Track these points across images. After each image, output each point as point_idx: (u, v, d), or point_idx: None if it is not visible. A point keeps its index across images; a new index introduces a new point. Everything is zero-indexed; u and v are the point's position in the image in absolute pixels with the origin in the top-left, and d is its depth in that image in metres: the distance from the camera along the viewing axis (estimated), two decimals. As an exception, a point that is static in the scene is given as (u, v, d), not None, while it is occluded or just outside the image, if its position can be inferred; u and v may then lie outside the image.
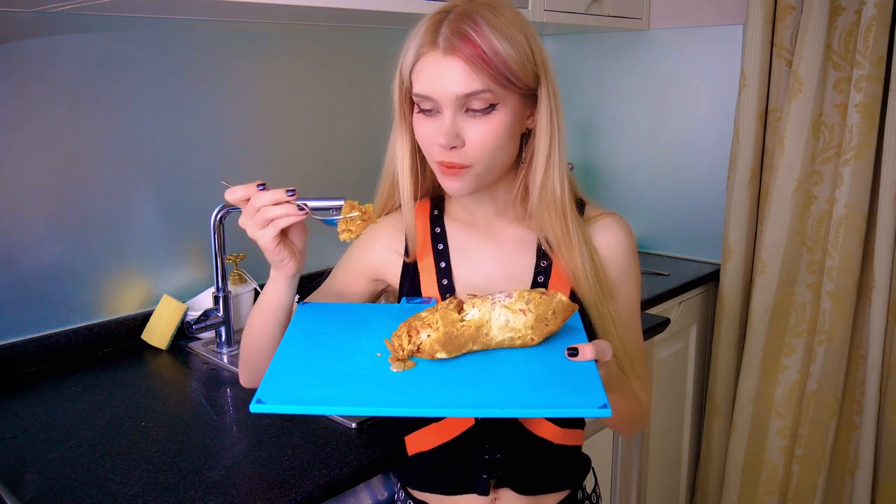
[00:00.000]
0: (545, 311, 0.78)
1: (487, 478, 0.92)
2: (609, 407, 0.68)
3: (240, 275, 1.59)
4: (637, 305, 0.99)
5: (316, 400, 0.71)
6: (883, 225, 1.67)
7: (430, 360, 0.78)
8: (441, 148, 0.83)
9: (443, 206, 0.99)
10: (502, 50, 0.80)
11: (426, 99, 0.83)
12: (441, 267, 0.94)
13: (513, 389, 0.73)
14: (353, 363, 0.78)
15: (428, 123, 0.84)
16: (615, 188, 2.25)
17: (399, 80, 0.87)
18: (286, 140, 1.74)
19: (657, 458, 1.95)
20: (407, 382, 0.74)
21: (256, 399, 0.69)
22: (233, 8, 1.35)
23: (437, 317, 0.77)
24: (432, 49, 0.81)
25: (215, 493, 0.95)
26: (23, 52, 1.31)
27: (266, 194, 0.79)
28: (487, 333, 0.78)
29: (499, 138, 0.84)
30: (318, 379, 0.74)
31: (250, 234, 0.81)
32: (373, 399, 0.71)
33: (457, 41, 0.79)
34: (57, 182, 1.39)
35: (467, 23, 0.80)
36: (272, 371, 0.75)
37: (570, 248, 0.90)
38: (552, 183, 0.89)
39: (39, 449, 1.08)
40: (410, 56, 0.84)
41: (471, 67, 0.80)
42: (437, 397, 0.71)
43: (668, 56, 2.09)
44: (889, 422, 1.74)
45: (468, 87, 0.80)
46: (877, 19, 1.60)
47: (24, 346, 1.36)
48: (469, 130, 0.83)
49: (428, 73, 0.82)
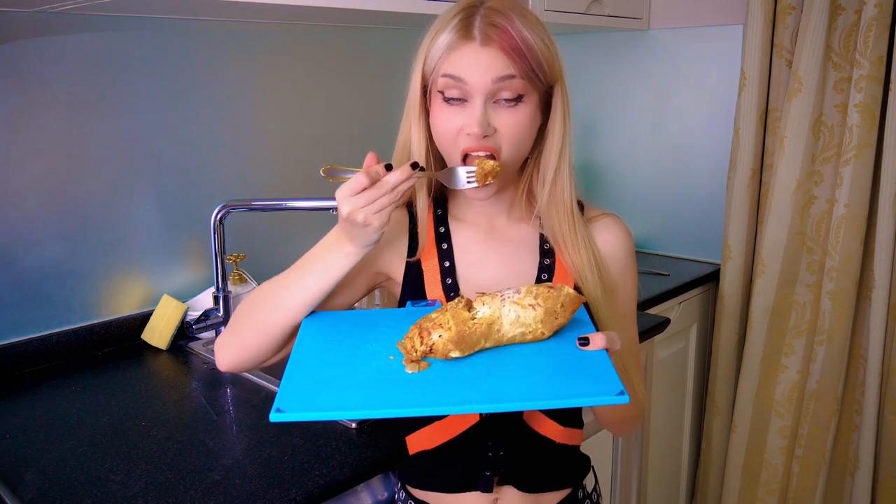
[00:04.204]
0: (554, 305, 0.79)
1: (490, 475, 0.92)
2: (626, 394, 0.69)
3: (240, 275, 1.59)
4: (634, 305, 1.01)
5: (336, 406, 0.70)
6: (883, 225, 1.67)
7: (444, 359, 0.78)
8: (468, 137, 0.85)
9: (446, 206, 0.99)
10: (533, 43, 0.84)
11: (458, 83, 0.84)
12: (445, 266, 0.94)
13: (529, 383, 0.73)
14: (367, 368, 0.78)
15: (453, 113, 0.85)
16: (615, 188, 2.25)
17: (422, 72, 0.88)
18: (286, 140, 1.74)
19: (657, 458, 1.95)
20: (424, 382, 0.74)
21: (276, 408, 0.69)
22: (233, 8, 1.35)
23: (447, 316, 0.78)
24: (468, 41, 0.84)
25: (215, 493, 0.95)
26: (23, 52, 1.31)
27: (399, 174, 0.78)
28: (499, 330, 0.79)
29: (525, 129, 0.86)
30: (335, 385, 0.74)
31: (363, 219, 0.78)
32: (392, 401, 0.71)
33: (493, 33, 0.83)
34: (57, 182, 1.39)
35: (501, 17, 0.83)
36: (287, 380, 0.75)
37: (578, 245, 0.91)
38: (562, 181, 0.91)
39: (39, 449, 1.08)
40: (441, 46, 0.85)
41: (507, 55, 0.83)
42: (456, 395, 0.72)
43: (668, 56, 2.09)
44: (889, 422, 1.74)
45: (504, 70, 0.83)
46: (877, 19, 1.60)
47: (24, 346, 1.36)
48: (498, 120, 0.85)
49: (464, 60, 0.84)
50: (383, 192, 0.78)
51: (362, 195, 0.78)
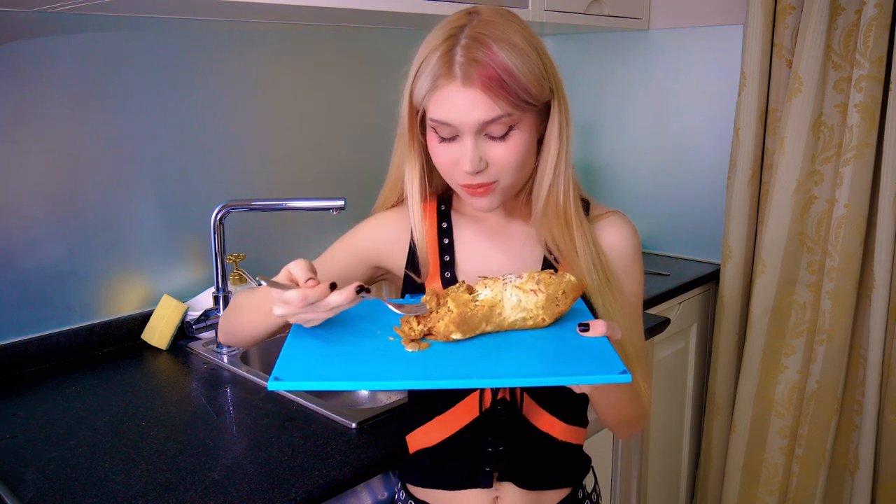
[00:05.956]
0: (555, 291, 0.79)
1: (491, 470, 0.92)
2: (629, 372, 0.69)
3: (240, 275, 1.58)
4: (640, 303, 1.00)
5: (334, 375, 0.70)
6: (883, 225, 1.67)
7: (445, 341, 0.78)
8: (464, 173, 0.84)
9: (450, 202, 0.99)
10: (517, 72, 0.80)
11: (445, 125, 0.83)
12: (445, 261, 0.95)
13: (530, 363, 0.73)
14: (367, 345, 0.78)
15: (448, 149, 0.85)
16: (615, 188, 2.25)
17: (409, 105, 0.87)
18: (286, 140, 1.74)
19: (657, 458, 1.95)
20: (423, 359, 0.74)
21: (273, 377, 0.69)
22: (233, 8, 1.35)
23: (448, 299, 0.78)
24: (450, 80, 0.81)
25: (215, 493, 0.95)
26: (23, 52, 1.31)
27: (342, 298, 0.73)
28: (500, 313, 0.79)
29: (520, 157, 0.85)
30: (334, 358, 0.74)
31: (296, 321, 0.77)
32: (391, 374, 0.71)
33: (474, 72, 0.79)
34: (57, 182, 1.39)
35: (480, 49, 0.80)
36: (286, 351, 0.75)
37: (574, 255, 0.90)
38: (556, 192, 0.90)
39: (39, 449, 1.08)
40: (425, 85, 0.83)
41: (490, 95, 0.80)
42: (455, 370, 0.71)
43: (668, 56, 2.09)
44: (889, 422, 1.74)
45: (489, 114, 0.81)
46: (877, 19, 1.60)
47: (24, 346, 1.36)
48: (490, 153, 0.84)
49: (447, 102, 0.82)
50: (322, 312, 0.74)
51: (301, 309, 0.74)
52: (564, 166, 0.90)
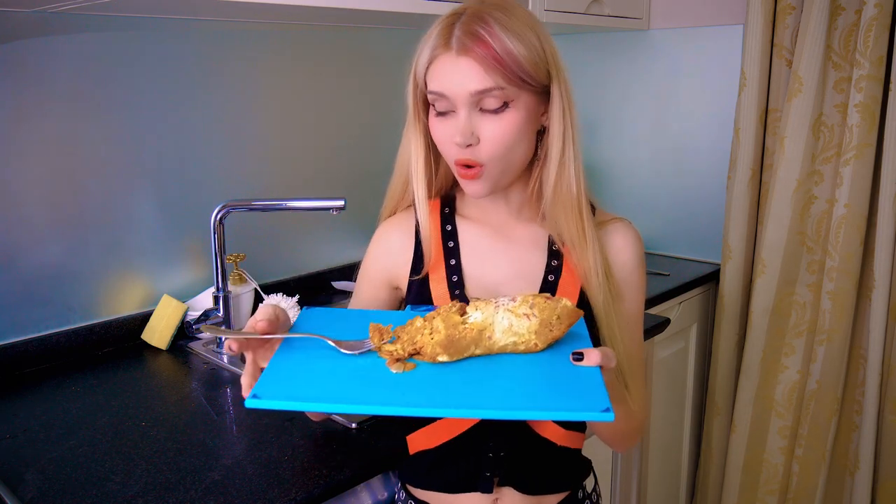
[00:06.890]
0: (550, 316, 0.76)
1: (490, 475, 0.92)
2: (612, 411, 0.67)
3: (240, 275, 1.58)
4: (641, 313, 0.99)
5: (312, 397, 0.70)
6: (883, 225, 1.67)
7: (431, 363, 0.77)
8: (457, 147, 0.85)
9: (454, 205, 0.99)
10: (514, 49, 0.82)
11: (441, 97, 0.85)
12: (451, 264, 0.94)
13: (513, 392, 0.71)
14: (352, 363, 0.77)
15: (444, 124, 0.86)
16: (615, 188, 2.25)
17: (413, 82, 0.89)
18: (286, 140, 1.74)
19: (657, 458, 1.95)
20: (405, 383, 0.73)
21: (252, 394, 0.69)
22: (233, 8, 1.35)
23: (438, 319, 0.76)
24: (446, 50, 0.83)
25: (215, 493, 0.95)
26: (23, 52, 1.31)
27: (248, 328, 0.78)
28: (490, 337, 0.77)
29: (512, 135, 0.85)
30: (316, 377, 0.74)
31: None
32: (369, 398, 0.70)
33: (469, 42, 0.81)
34: (57, 182, 1.39)
35: (479, 24, 0.82)
36: (270, 368, 0.75)
37: (585, 246, 0.90)
38: (567, 180, 0.90)
39: (39, 449, 1.08)
40: (425, 58, 0.86)
41: (483, 67, 0.81)
42: (437, 398, 0.70)
43: (668, 56, 2.09)
44: (889, 422, 1.74)
45: (481, 84, 0.82)
46: (877, 19, 1.60)
47: (24, 346, 1.36)
48: (483, 128, 0.84)
49: (442, 72, 0.84)
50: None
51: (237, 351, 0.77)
52: (573, 155, 0.89)
